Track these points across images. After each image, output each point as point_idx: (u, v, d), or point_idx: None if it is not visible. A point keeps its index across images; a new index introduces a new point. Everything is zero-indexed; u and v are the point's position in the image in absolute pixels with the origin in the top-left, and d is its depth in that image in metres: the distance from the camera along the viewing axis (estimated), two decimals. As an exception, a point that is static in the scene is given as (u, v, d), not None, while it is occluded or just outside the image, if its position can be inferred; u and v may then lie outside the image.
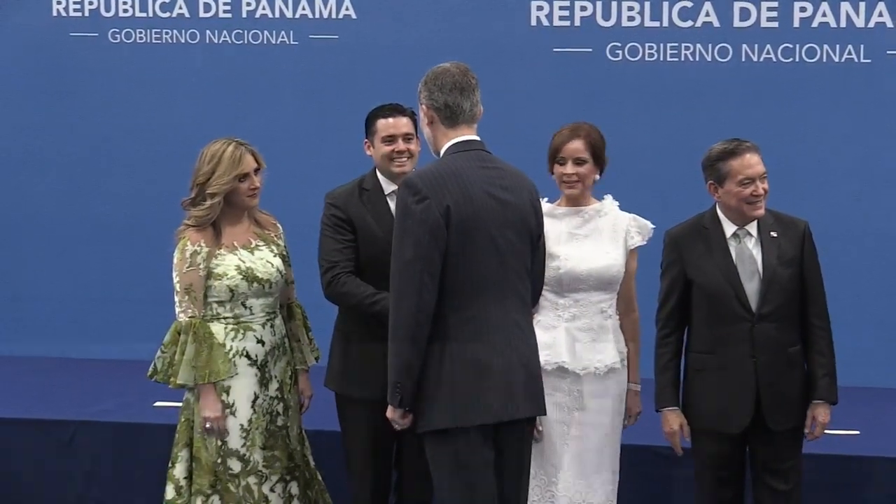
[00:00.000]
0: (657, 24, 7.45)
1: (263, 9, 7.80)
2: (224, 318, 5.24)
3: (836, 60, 7.32)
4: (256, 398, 5.27)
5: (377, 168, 5.32)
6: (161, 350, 5.26)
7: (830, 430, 5.19)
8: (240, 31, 7.83)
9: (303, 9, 7.77)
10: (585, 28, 7.50)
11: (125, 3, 7.91)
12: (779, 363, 5.03)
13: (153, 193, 7.74)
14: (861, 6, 7.27)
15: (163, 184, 7.53)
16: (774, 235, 5.07)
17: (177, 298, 5.21)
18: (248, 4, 7.81)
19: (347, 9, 7.73)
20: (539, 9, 7.53)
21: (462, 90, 4.56)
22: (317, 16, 7.77)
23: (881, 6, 7.25)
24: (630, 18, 7.46)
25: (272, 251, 5.35)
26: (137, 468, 6.38)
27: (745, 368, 5.01)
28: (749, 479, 5.19)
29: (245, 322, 5.26)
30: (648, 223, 5.26)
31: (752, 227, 5.09)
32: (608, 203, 5.28)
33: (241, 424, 5.23)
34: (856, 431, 6.21)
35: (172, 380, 5.20)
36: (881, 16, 7.26)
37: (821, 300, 5.10)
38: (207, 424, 5.18)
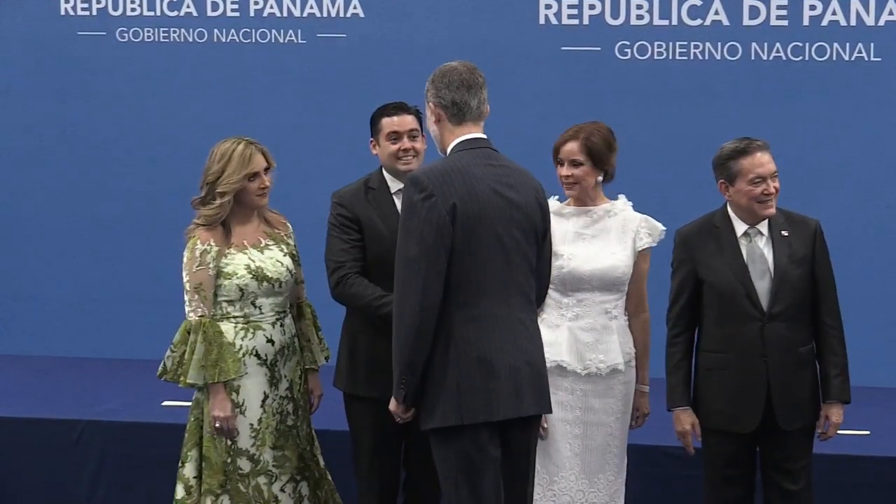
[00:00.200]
0: (666, 23, 7.43)
1: (271, 7, 7.79)
2: (234, 318, 5.23)
3: (847, 59, 7.30)
4: (266, 398, 5.26)
5: (383, 167, 5.32)
6: (171, 349, 5.25)
7: (840, 431, 5.18)
8: (247, 30, 7.82)
9: (310, 7, 7.76)
10: (594, 27, 7.49)
11: (133, 2, 7.90)
12: (790, 363, 5.02)
13: (162, 192, 7.74)
14: (871, 4, 7.24)
15: (171, 182, 7.52)
16: (785, 234, 5.06)
17: (186, 297, 5.20)
18: (256, 3, 7.81)
19: (355, 8, 7.72)
20: (547, 7, 7.52)
21: (469, 88, 4.56)
22: (324, 15, 7.76)
23: (891, 4, 7.23)
24: (639, 17, 7.44)
25: (282, 250, 5.34)
26: (145, 468, 6.37)
27: (756, 368, 5.01)
28: (759, 480, 5.17)
29: (255, 321, 5.25)
30: (659, 225, 5.24)
31: (763, 226, 5.08)
32: (620, 203, 5.26)
33: (251, 424, 5.23)
34: (866, 432, 6.20)
35: (182, 379, 5.19)
36: (891, 14, 7.24)
37: (832, 299, 5.09)
38: (217, 424, 5.17)
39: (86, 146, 8.00)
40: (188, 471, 5.27)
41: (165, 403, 6.61)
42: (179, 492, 5.28)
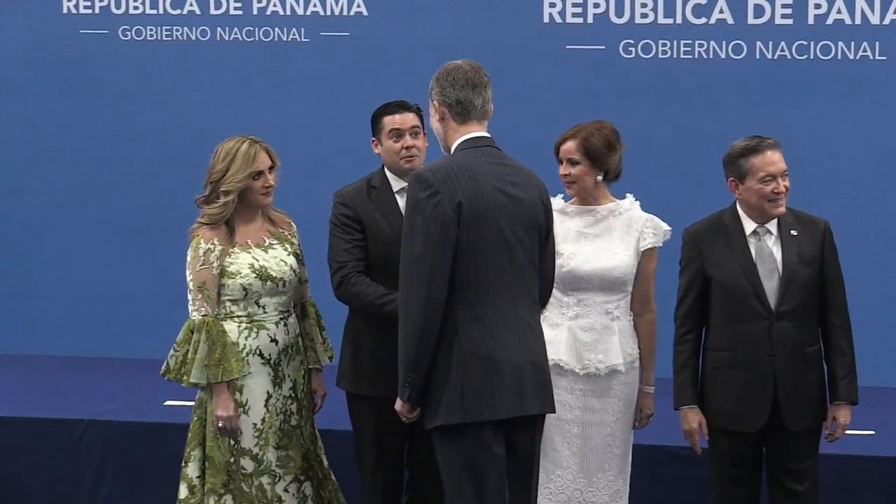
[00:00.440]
0: (671, 22, 7.41)
1: (274, 6, 7.77)
2: (237, 317, 5.22)
3: (851, 58, 7.27)
4: (270, 397, 5.25)
5: (385, 165, 5.31)
6: (174, 348, 5.24)
7: (846, 431, 5.16)
8: (250, 29, 7.80)
9: (314, 6, 7.74)
10: (598, 25, 7.47)
11: (135, 1, 7.88)
12: (797, 362, 5.01)
13: (164, 191, 7.73)
14: (876, 3, 7.22)
15: (174, 181, 7.52)
16: (794, 234, 5.05)
17: (190, 297, 5.19)
18: (259, 2, 7.79)
19: (359, 6, 7.71)
20: (552, 6, 7.50)
21: (474, 87, 4.56)
22: (328, 13, 7.74)
23: (896, 3, 7.23)
24: (643, 15, 7.42)
25: (286, 249, 5.33)
26: (148, 467, 6.36)
27: (763, 367, 4.99)
28: (765, 480, 5.16)
29: (258, 321, 5.23)
30: (664, 225, 5.23)
31: (772, 225, 5.07)
32: (626, 203, 5.25)
33: (255, 424, 5.22)
34: (871, 432, 6.18)
35: (185, 378, 5.18)
36: (896, 13, 7.24)
37: (840, 299, 5.08)
38: (220, 423, 5.16)
39: (88, 145, 7.98)
40: (191, 470, 5.26)
41: (168, 403, 6.60)
42: (182, 492, 5.27)
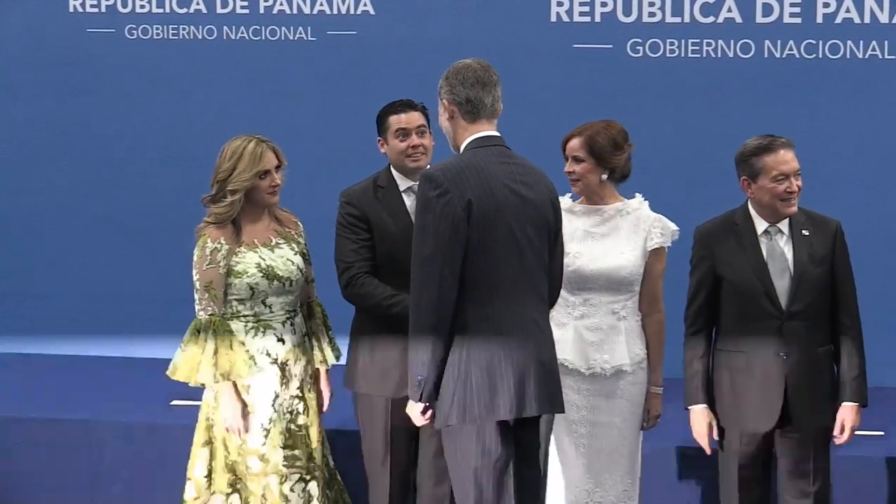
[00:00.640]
0: (678, 20, 7.40)
1: (281, 5, 7.77)
2: (244, 317, 5.21)
3: (860, 57, 7.26)
4: (276, 397, 5.24)
5: (391, 165, 5.31)
6: (180, 348, 5.22)
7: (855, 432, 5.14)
8: (257, 28, 7.80)
9: (320, 5, 7.74)
10: (606, 24, 7.46)
11: (142, 0, 7.89)
12: (808, 362, 4.99)
13: (171, 191, 7.73)
14: (885, 2, 7.21)
15: (181, 181, 7.53)
16: (806, 234, 5.04)
17: (196, 296, 5.18)
18: (266, 0, 7.78)
19: (365, 5, 7.70)
20: (559, 4, 7.49)
21: (484, 85, 4.55)
22: (334, 12, 7.74)
23: (906, 2, 7.22)
24: (651, 14, 7.41)
25: (293, 249, 5.31)
26: (155, 467, 6.35)
27: (774, 367, 4.98)
28: (775, 480, 5.14)
29: (265, 320, 5.23)
30: (672, 224, 5.22)
31: (784, 225, 5.05)
32: (634, 202, 5.24)
33: (261, 423, 5.21)
34: (880, 432, 6.16)
35: (192, 378, 5.17)
36: (905, 12, 7.23)
37: (851, 300, 5.07)
38: (227, 423, 5.16)
39: (94, 144, 7.98)
40: (198, 470, 5.26)
41: (175, 403, 6.59)
42: (189, 491, 5.28)
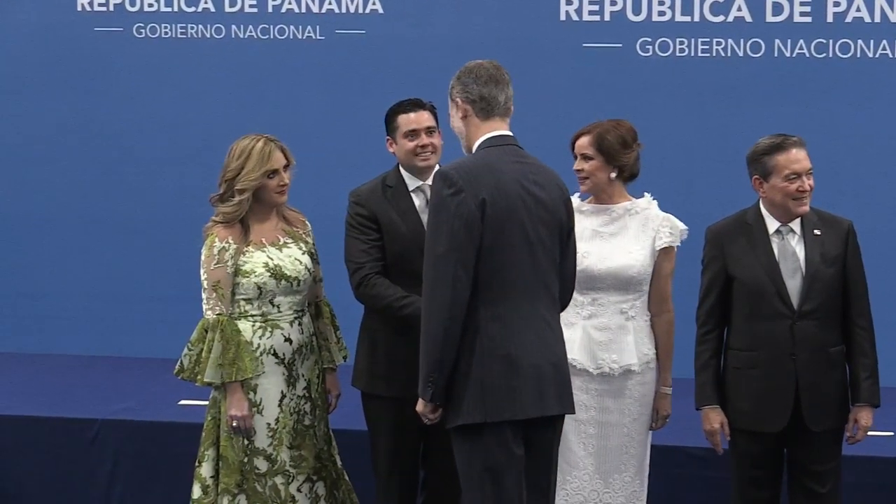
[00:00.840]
0: (688, 19, 7.38)
1: (289, 4, 7.75)
2: (252, 316, 5.20)
3: (871, 56, 7.23)
4: (284, 397, 5.23)
5: (400, 164, 5.29)
6: (188, 347, 5.22)
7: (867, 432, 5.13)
8: (265, 27, 7.79)
9: (329, 4, 7.72)
10: (615, 23, 7.44)
11: (150, -2, 7.90)
12: (819, 362, 4.98)
13: (179, 189, 7.73)
14: (896, 1, 7.20)
15: (188, 180, 7.52)
16: (818, 234, 5.03)
17: (204, 295, 5.18)
18: (275, -1, 7.79)
19: (374, 4, 7.68)
20: (568, 3, 7.47)
21: (497, 83, 4.55)
22: (343, 11, 7.72)
23: (916, 1, 7.19)
24: (661, 13, 7.39)
25: (300, 248, 5.30)
26: (162, 467, 6.35)
27: (785, 367, 4.97)
28: (786, 481, 5.13)
29: (273, 320, 5.21)
30: (681, 224, 5.20)
31: (796, 225, 5.04)
32: (643, 202, 5.22)
33: (268, 423, 5.20)
34: (891, 433, 6.14)
35: (199, 378, 5.17)
36: (917, 11, 7.20)
37: (864, 300, 5.05)
38: (234, 423, 5.15)
39: (102, 143, 7.98)
40: (205, 470, 5.25)
41: (182, 402, 6.59)
42: (196, 491, 5.26)
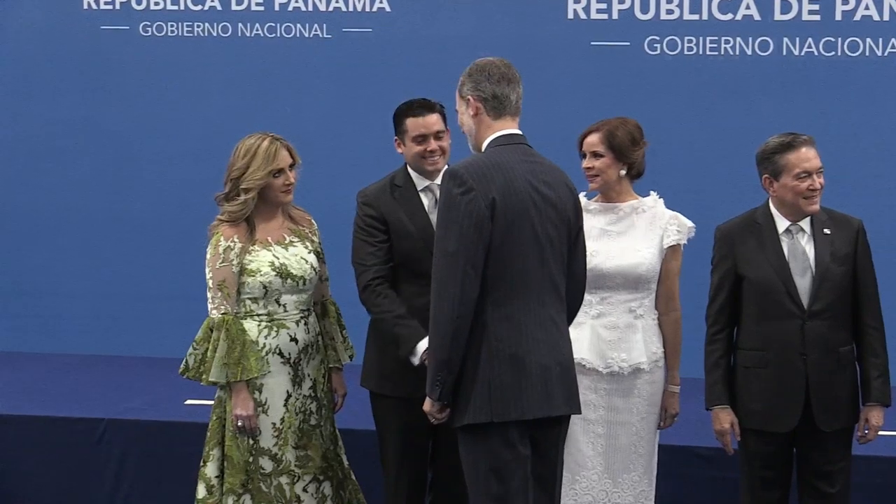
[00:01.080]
0: (696, 18, 7.37)
1: (296, 2, 7.75)
2: (257, 315, 5.18)
3: (879, 54, 7.22)
4: (289, 397, 5.22)
5: (408, 165, 5.26)
6: (193, 347, 5.21)
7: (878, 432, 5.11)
8: (272, 25, 7.79)
9: (336, 2, 7.72)
10: (623, 21, 7.44)
11: (156, -3, 7.90)
12: (829, 362, 4.96)
13: (184, 188, 7.72)
14: (904, -2, 7.18)
15: (194, 179, 7.50)
16: (828, 233, 5.01)
17: (209, 294, 5.16)
18: (281, -3, 7.79)
19: (381, 2, 7.68)
20: (576, 2, 7.47)
21: (509, 81, 4.54)
22: (350, 9, 7.72)
23: (926, -1, 7.17)
24: (669, 12, 7.38)
25: (307, 248, 5.29)
26: (167, 466, 6.35)
27: (795, 366, 4.95)
28: (795, 481, 5.11)
29: (279, 319, 5.20)
30: (688, 222, 5.19)
31: (806, 224, 5.03)
32: (650, 200, 5.21)
33: (274, 423, 5.19)
34: (900, 433, 6.13)
35: (204, 377, 5.16)
36: (926, 9, 7.18)
37: (874, 300, 5.04)
38: (239, 423, 5.14)
39: (108, 141, 7.98)
40: (210, 470, 5.24)
41: (188, 402, 6.59)
42: (201, 491, 5.25)
